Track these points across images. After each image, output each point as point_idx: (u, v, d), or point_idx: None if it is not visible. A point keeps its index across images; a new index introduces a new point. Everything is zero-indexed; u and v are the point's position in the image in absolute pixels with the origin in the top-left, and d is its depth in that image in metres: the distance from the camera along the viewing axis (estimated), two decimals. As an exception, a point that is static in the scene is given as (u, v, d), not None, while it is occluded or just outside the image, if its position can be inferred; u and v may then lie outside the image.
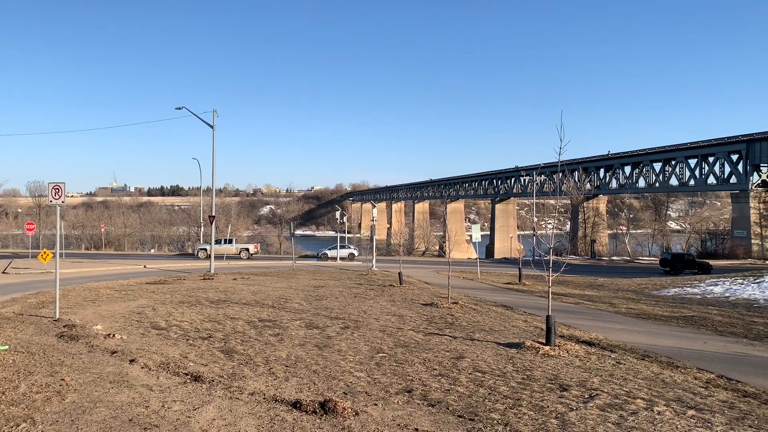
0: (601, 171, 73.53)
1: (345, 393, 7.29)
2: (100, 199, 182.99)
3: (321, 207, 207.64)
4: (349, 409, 6.38)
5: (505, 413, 6.46)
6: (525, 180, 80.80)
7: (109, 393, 7.05)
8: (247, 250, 49.01)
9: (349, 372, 8.41)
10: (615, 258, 61.02)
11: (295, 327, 12.44)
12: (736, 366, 9.37)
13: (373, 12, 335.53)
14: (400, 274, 25.04)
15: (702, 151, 58.43)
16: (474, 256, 66.21)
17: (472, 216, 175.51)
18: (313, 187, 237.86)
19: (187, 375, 8.00)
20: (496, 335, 11.86)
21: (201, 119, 31.49)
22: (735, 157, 55.47)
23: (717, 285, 24.61)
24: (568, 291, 24.04)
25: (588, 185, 72.53)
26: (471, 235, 34.31)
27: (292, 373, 8.28)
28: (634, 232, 78.40)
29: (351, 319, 13.69)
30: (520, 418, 6.30)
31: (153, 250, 66.42)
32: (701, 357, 10.07)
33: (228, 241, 50.83)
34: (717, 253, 56.41)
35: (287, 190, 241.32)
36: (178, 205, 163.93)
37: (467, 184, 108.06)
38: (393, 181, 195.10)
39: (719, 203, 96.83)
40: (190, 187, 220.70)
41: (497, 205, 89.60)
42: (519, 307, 17.21)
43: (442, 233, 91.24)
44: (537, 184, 73.86)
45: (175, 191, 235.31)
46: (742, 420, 6.37)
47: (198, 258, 47.52)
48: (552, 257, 11.05)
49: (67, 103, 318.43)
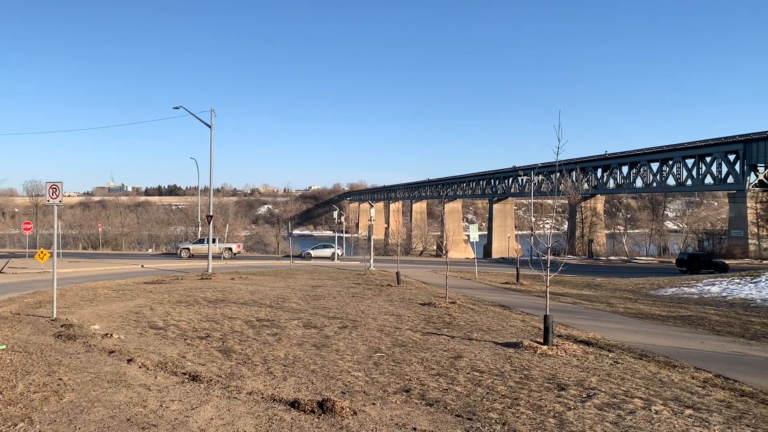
0: (599, 171, 73.67)
1: (343, 392, 7.29)
2: (97, 198, 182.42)
3: (319, 207, 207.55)
4: (347, 409, 6.38)
5: (503, 412, 6.47)
6: (523, 180, 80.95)
7: (107, 392, 7.05)
8: (230, 249, 48.98)
9: (347, 371, 8.41)
10: (612, 258, 61.14)
11: (293, 326, 12.43)
12: (734, 365, 9.40)
13: (371, 12, 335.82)
14: (397, 273, 25.04)
15: (699, 151, 58.57)
16: (472, 255, 66.30)
17: (470, 216, 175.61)
18: (310, 187, 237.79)
19: (185, 374, 7.99)
20: (494, 335, 11.87)
21: (199, 119, 31.46)
22: (732, 157, 55.61)
23: (714, 285, 24.67)
24: (565, 291, 24.08)
25: (585, 185, 72.69)
26: (469, 235, 34.33)
27: (290, 373, 8.28)
28: (632, 232, 78.56)
29: (349, 319, 13.69)
30: (518, 417, 6.31)
31: (151, 250, 66.38)
32: (699, 356, 10.10)
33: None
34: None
35: (285, 190, 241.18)
36: (176, 205, 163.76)
37: (465, 184, 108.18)
38: (391, 181, 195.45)
39: (716, 203, 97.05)
40: (187, 187, 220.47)
41: (495, 205, 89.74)
42: (517, 307, 17.23)
43: (439, 233, 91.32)
44: (535, 184, 73.98)
45: (173, 191, 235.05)
46: (739, 419, 6.39)
47: (180, 257, 47.75)
48: (550, 257, 11.06)
49: (65, 103, 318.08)
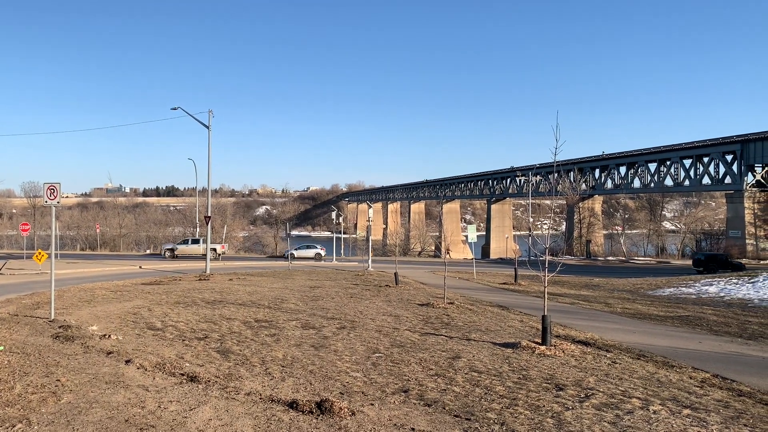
0: (597, 171, 73.78)
1: (341, 393, 7.29)
2: (95, 199, 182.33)
3: (317, 207, 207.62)
4: (346, 409, 6.38)
5: (501, 413, 6.47)
6: (520, 180, 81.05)
7: (105, 393, 7.04)
8: (215, 250, 48.74)
9: (346, 372, 8.41)
10: (610, 258, 61.22)
11: (291, 327, 12.42)
12: (731, 365, 9.41)
13: (369, 13, 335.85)
14: (396, 274, 25.04)
15: (697, 151, 58.70)
16: (470, 256, 66.35)
17: (468, 216, 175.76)
18: (309, 188, 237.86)
19: (183, 375, 7.98)
20: (492, 335, 11.88)
21: (196, 119, 31.43)
22: (729, 157, 55.73)
23: (712, 285, 24.71)
24: (563, 291, 24.10)
25: (583, 185, 72.77)
26: (467, 236, 34.34)
27: (289, 374, 8.27)
28: (630, 232, 78.59)
29: (347, 320, 13.68)
30: (516, 417, 6.31)
31: (149, 251, 66.40)
32: (696, 356, 10.12)
33: (195, 240, 51.16)
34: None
35: (283, 191, 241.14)
36: (174, 206, 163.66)
37: (463, 185, 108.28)
38: (389, 182, 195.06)
39: (714, 203, 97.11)
40: (185, 188, 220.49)
41: (493, 206, 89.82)
42: (515, 307, 17.24)
43: (438, 234, 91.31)
44: (532, 184, 74.05)
45: (171, 192, 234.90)
46: (737, 419, 6.39)
47: (164, 258, 47.69)
48: (548, 258, 11.07)
49: (63, 104, 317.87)
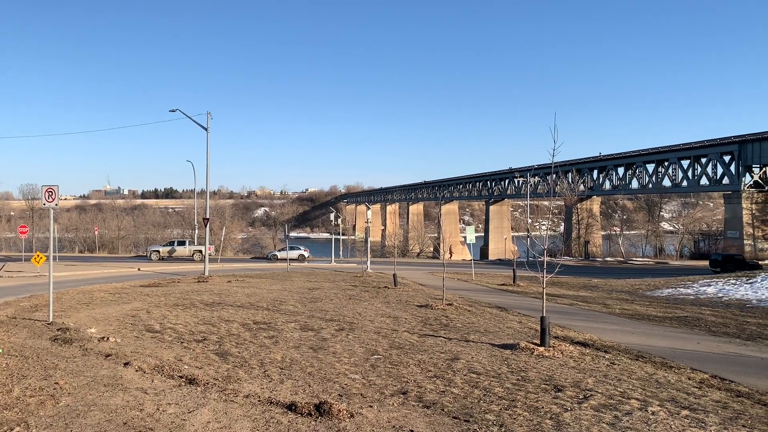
0: (595, 172, 73.85)
1: (340, 395, 7.29)
2: (93, 201, 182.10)
3: (315, 209, 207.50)
4: (345, 411, 6.38)
5: (500, 414, 6.48)
6: (519, 181, 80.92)
7: (104, 396, 7.03)
8: (201, 251, 48.83)
9: (344, 374, 8.41)
10: (609, 259, 61.26)
11: (289, 329, 12.42)
12: (730, 366, 9.42)
13: (367, 14, 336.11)
14: (394, 275, 25.03)
15: (694, 152, 58.76)
16: (468, 257, 66.28)
17: (467, 217, 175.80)
18: (307, 189, 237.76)
19: (181, 378, 7.98)
20: (491, 336, 11.88)
21: (195, 121, 31.41)
22: (727, 158, 55.80)
23: (710, 285, 24.74)
24: (562, 292, 24.11)
25: (581, 186, 72.79)
26: (465, 237, 34.34)
27: (287, 376, 8.27)
28: (628, 233, 78.62)
29: (346, 321, 13.68)
30: (515, 419, 6.32)
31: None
32: (695, 357, 10.13)
33: (180, 242, 51.37)
34: (710, 254, 56.63)
35: (281, 192, 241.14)
36: (172, 208, 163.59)
37: (461, 186, 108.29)
38: (387, 183, 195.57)
39: (712, 204, 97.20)
40: (184, 190, 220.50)
41: (491, 207, 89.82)
42: (513, 309, 17.24)
43: (436, 235, 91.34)
44: (531, 185, 74.03)
45: (169, 194, 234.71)
46: (735, 420, 6.40)
47: (151, 260, 47.64)
48: (546, 258, 11.08)
49: (61, 106, 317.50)
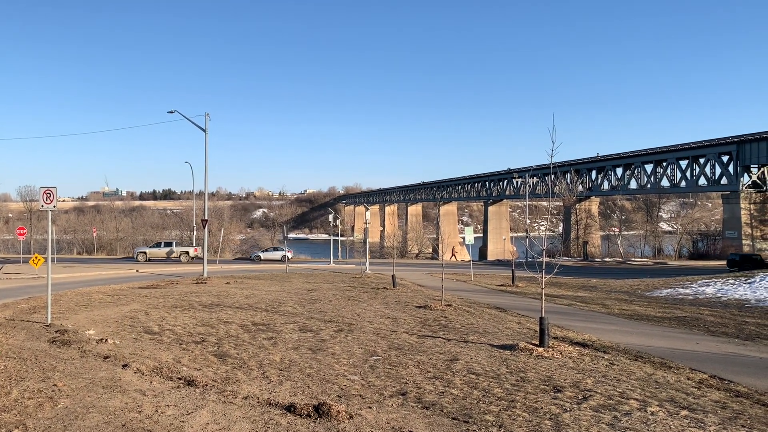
0: (593, 173, 73.93)
1: (339, 396, 7.28)
2: (92, 203, 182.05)
3: (314, 210, 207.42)
4: (344, 413, 6.38)
5: (499, 415, 6.47)
6: (517, 182, 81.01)
7: (102, 398, 7.01)
8: (187, 253, 48.88)
9: (343, 375, 8.40)
10: (607, 259, 61.27)
11: (288, 330, 12.41)
12: (729, 366, 9.42)
13: (365, 15, 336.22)
14: (393, 276, 25.01)
15: (693, 152, 58.86)
16: (467, 258, 66.32)
17: (465, 218, 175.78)
18: (305, 190, 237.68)
19: (180, 379, 7.96)
20: (490, 337, 11.88)
21: (193, 123, 31.40)
22: (726, 158, 55.91)
23: (709, 285, 24.76)
24: (561, 293, 24.12)
25: (580, 187, 72.86)
26: (464, 237, 34.33)
27: (286, 377, 8.26)
28: (626, 233, 78.61)
29: (345, 322, 13.66)
30: (514, 419, 6.31)
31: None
32: (694, 357, 10.13)
33: (167, 244, 51.32)
34: (708, 254, 56.77)
35: (280, 194, 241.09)
36: (171, 209, 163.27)
37: (460, 187, 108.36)
38: (386, 184, 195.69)
39: (710, 204, 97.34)
40: (182, 191, 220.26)
41: (490, 208, 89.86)
42: (512, 309, 17.24)
43: (435, 236, 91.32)
44: (529, 186, 74.07)
45: (168, 195, 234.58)
46: (734, 420, 6.40)
47: (137, 261, 47.51)
48: (545, 259, 11.08)
49: (59, 107, 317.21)
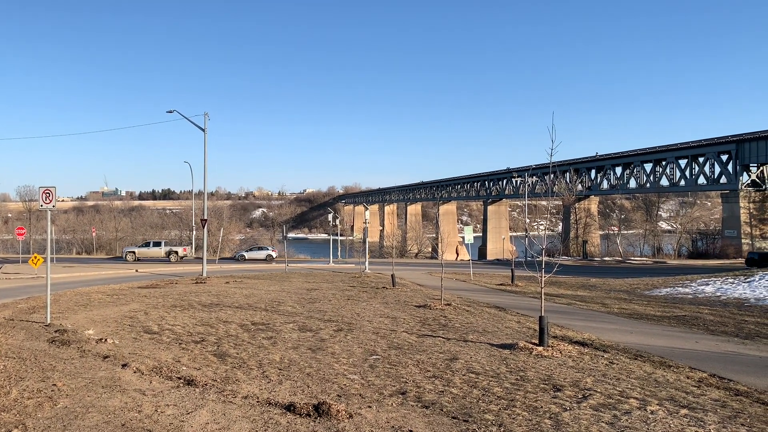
0: (593, 172, 73.94)
1: (339, 395, 7.28)
2: (91, 203, 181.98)
3: (313, 210, 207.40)
4: (343, 412, 6.37)
5: (499, 414, 6.47)
6: (517, 181, 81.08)
7: (102, 398, 7.01)
8: (176, 253, 48.86)
9: (343, 374, 8.40)
10: (607, 258, 61.28)
11: (288, 330, 12.40)
12: (728, 365, 9.42)
13: (365, 14, 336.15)
14: (393, 276, 25.01)
15: (692, 151, 58.88)
16: (467, 257, 66.33)
17: (465, 218, 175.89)
18: (305, 190, 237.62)
19: (180, 379, 7.96)
20: (490, 336, 11.88)
21: (192, 122, 31.38)
22: (725, 157, 55.94)
23: (708, 284, 24.76)
24: (560, 292, 24.11)
25: (579, 186, 72.88)
26: (464, 237, 34.32)
27: (286, 376, 8.26)
28: (626, 232, 78.73)
29: (344, 322, 13.66)
30: (514, 418, 6.31)
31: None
32: (693, 356, 10.13)
33: (156, 243, 51.26)
34: (708, 253, 56.79)
35: (279, 193, 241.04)
36: (170, 209, 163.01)
37: (459, 186, 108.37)
38: (385, 183, 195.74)
39: (710, 203, 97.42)
40: (181, 191, 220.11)
41: (489, 207, 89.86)
42: (512, 308, 17.24)
43: (434, 235, 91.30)
44: (529, 185, 74.14)
45: (167, 195, 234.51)
46: (734, 418, 6.40)
47: (126, 261, 47.39)
48: (544, 258, 11.08)
49: (58, 107, 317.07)
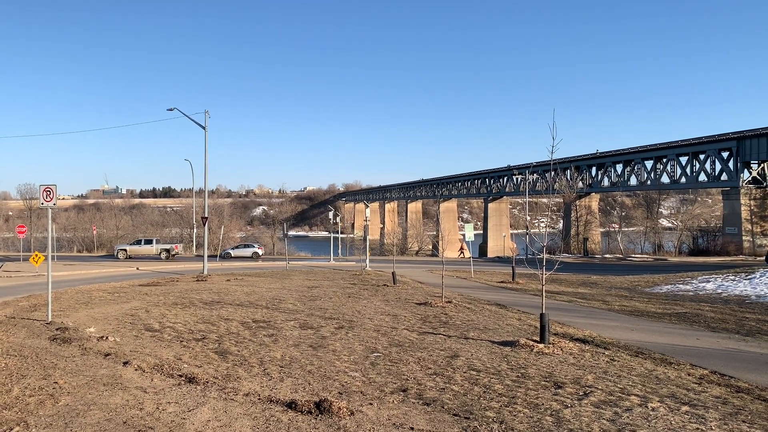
0: (593, 169, 73.79)
1: (340, 393, 7.28)
2: (91, 201, 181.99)
3: (314, 207, 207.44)
4: (345, 409, 6.38)
5: (500, 411, 6.47)
6: (517, 179, 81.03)
7: (103, 395, 7.02)
8: (168, 251, 48.79)
9: (344, 372, 8.41)
10: (607, 256, 61.23)
11: (289, 327, 12.41)
12: (729, 362, 9.42)
13: (364, 13, 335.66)
14: (393, 273, 25.01)
15: (693, 148, 58.76)
16: (467, 255, 66.36)
17: (465, 215, 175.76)
18: (305, 188, 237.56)
19: (181, 377, 7.96)
20: (491, 333, 11.88)
21: (193, 120, 31.38)
22: (726, 154, 55.80)
23: (709, 281, 24.75)
24: (561, 289, 24.11)
25: (580, 184, 72.79)
26: (464, 234, 34.32)
27: (287, 374, 8.26)
28: (627, 229, 78.66)
29: (345, 319, 13.67)
30: (515, 416, 6.31)
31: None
32: (694, 353, 10.13)
33: (147, 241, 51.20)
34: (708, 250, 56.67)
35: (280, 191, 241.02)
36: (171, 207, 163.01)
37: (460, 184, 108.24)
38: (386, 181, 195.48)
39: (710, 200, 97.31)
40: (182, 189, 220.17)
41: (490, 204, 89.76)
42: (513, 306, 17.24)
43: (435, 233, 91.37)
44: (529, 182, 74.12)
45: (168, 193, 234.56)
46: (735, 415, 6.41)
47: (118, 259, 47.37)
48: (545, 256, 11.07)
49: (58, 105, 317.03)
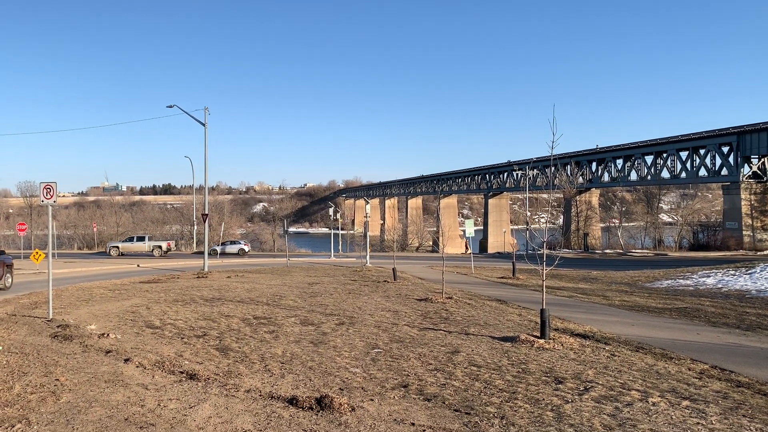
0: (594, 165, 73.81)
1: (341, 389, 7.29)
2: (92, 198, 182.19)
3: (314, 204, 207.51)
4: (346, 405, 6.38)
5: (501, 406, 6.48)
6: (517, 174, 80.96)
7: (105, 392, 7.02)
8: (160, 247, 48.99)
9: (345, 368, 8.42)
10: (608, 251, 61.24)
11: (290, 324, 12.42)
12: (730, 356, 9.43)
13: (365, 10, 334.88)
14: (394, 269, 25.03)
15: (693, 143, 58.73)
16: (468, 251, 66.41)
17: (466, 211, 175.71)
18: (305, 184, 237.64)
19: (182, 373, 7.97)
20: (491, 329, 11.89)
21: (193, 117, 31.35)
22: (726, 149, 55.79)
23: (709, 276, 24.77)
24: (561, 284, 24.13)
25: (580, 179, 72.75)
26: (464, 230, 34.34)
27: (288, 370, 8.27)
28: (627, 225, 78.69)
29: (346, 316, 13.69)
30: (515, 411, 6.32)
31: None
32: (695, 348, 10.13)
33: (140, 238, 51.29)
34: (709, 245, 56.70)
35: (280, 188, 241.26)
36: (171, 204, 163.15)
37: (460, 180, 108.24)
38: (386, 177, 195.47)
39: (711, 195, 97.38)
40: (182, 186, 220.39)
41: (490, 200, 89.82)
42: (513, 301, 17.25)
43: (435, 229, 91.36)
44: (530, 178, 74.06)
45: (168, 190, 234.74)
46: (735, 410, 6.41)
47: (110, 256, 47.43)
48: (545, 251, 11.07)
49: (59, 103, 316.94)
